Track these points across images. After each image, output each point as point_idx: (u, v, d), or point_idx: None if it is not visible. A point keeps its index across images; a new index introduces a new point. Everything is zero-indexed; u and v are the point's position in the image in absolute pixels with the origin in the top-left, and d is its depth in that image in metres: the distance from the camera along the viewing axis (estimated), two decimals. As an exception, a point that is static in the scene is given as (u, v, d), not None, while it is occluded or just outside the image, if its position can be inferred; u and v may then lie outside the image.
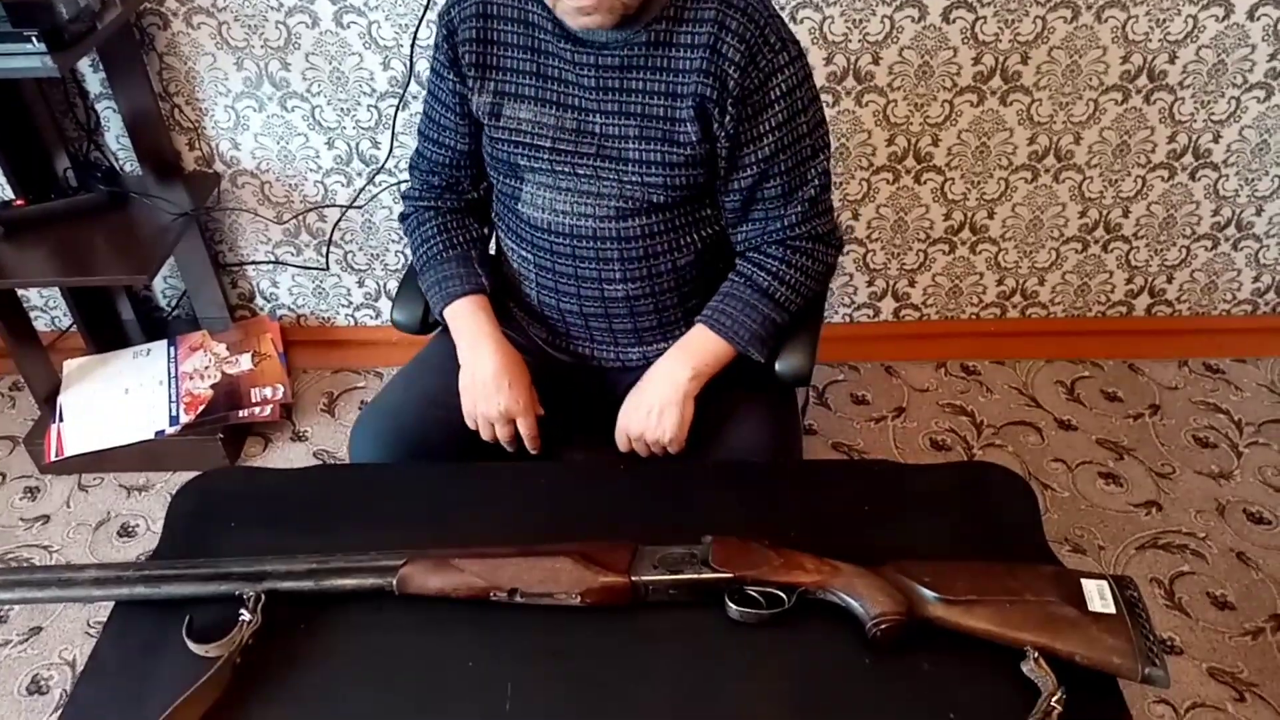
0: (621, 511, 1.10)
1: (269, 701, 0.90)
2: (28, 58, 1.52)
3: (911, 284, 2.19)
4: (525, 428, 1.25)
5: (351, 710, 0.90)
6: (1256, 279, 2.17)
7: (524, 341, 1.34)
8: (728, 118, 1.14)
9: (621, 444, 1.26)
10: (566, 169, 1.20)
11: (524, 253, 1.29)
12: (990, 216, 2.08)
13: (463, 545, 1.00)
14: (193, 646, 0.92)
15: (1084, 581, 0.96)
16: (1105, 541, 1.80)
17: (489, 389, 1.23)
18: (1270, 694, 1.54)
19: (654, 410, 1.21)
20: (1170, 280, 2.18)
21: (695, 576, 0.96)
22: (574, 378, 1.37)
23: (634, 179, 1.19)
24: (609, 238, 1.22)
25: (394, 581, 0.97)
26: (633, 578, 0.95)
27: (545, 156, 1.20)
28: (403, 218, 1.38)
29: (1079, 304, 2.22)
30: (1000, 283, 2.19)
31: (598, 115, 1.17)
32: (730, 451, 1.24)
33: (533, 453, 1.28)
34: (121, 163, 2.04)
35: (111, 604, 0.99)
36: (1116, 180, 2.02)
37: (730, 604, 0.95)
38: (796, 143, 1.18)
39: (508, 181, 1.26)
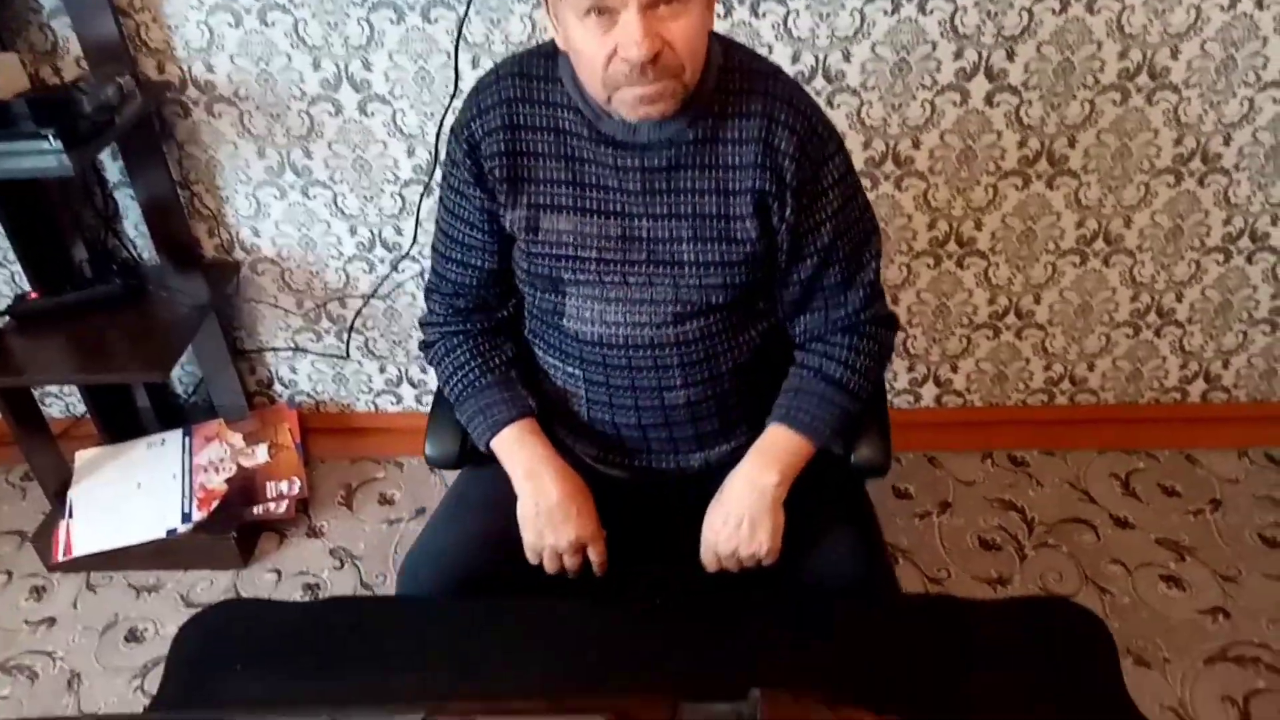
0: (664, 654, 1.01)
1: None
2: (43, 156, 1.47)
3: (954, 370, 2.10)
4: (596, 554, 1.18)
5: None
6: (1319, 364, 2.07)
7: (571, 462, 1.24)
8: (788, 210, 1.10)
9: (709, 563, 1.18)
10: (616, 278, 1.13)
11: (571, 369, 1.21)
12: (1037, 301, 2.00)
13: (487, 695, 0.91)
14: (190, 819, 0.84)
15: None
16: (1171, 654, 1.68)
17: (556, 518, 1.15)
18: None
19: (744, 523, 1.13)
20: (1226, 366, 2.08)
21: (743, 742, 0.86)
22: (628, 493, 1.29)
23: (691, 282, 1.12)
24: (667, 344, 1.15)
25: (411, 742, 0.88)
26: (674, 742, 0.86)
27: (592, 268, 1.13)
28: (425, 346, 1.29)
29: (1130, 390, 2.12)
30: (1048, 368, 2.09)
31: (645, 220, 1.11)
32: (819, 565, 1.16)
33: (599, 575, 1.20)
34: (139, 250, 2.00)
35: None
36: (1169, 264, 1.94)
37: (783, 774, 0.85)
38: (852, 227, 1.15)
39: (548, 297, 1.18)
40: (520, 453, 1.18)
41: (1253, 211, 1.86)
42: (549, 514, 1.15)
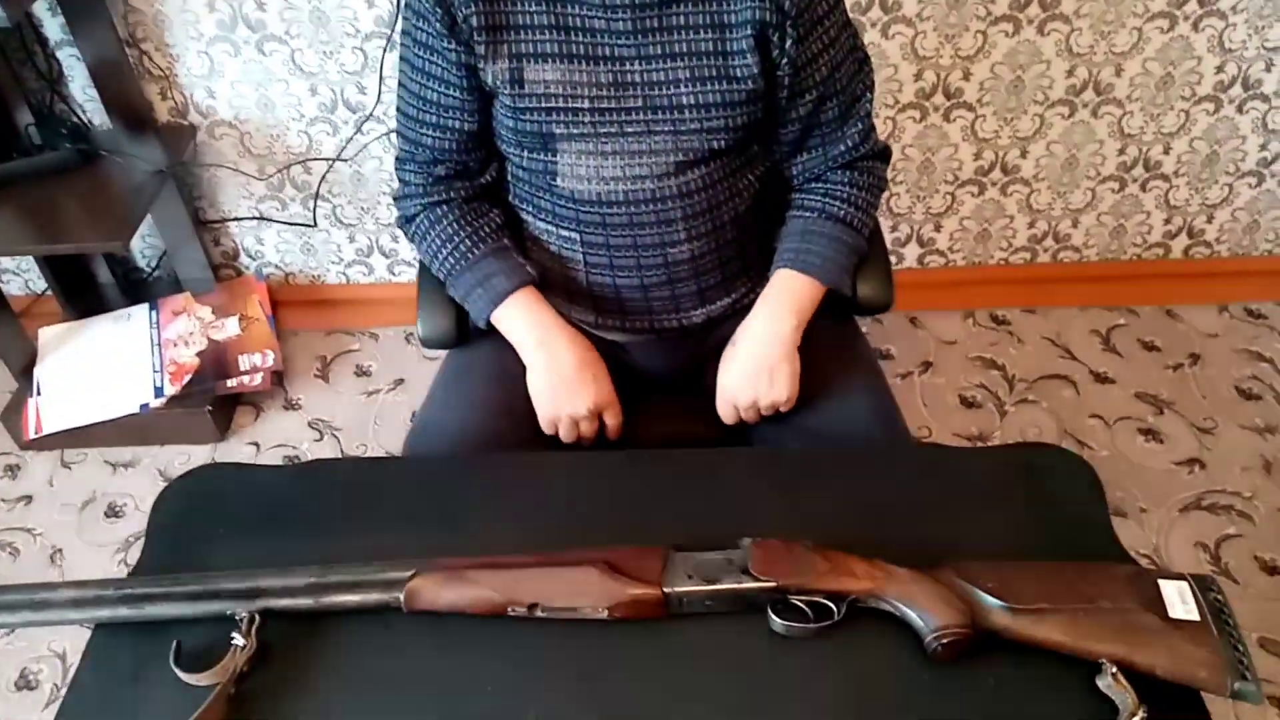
0: (651, 507, 1.00)
1: (268, 734, 0.81)
2: (-28, 5, 1.37)
3: (937, 229, 2.07)
4: (613, 417, 1.16)
5: (359, 742, 0.81)
6: (1302, 217, 2.05)
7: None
8: (789, 41, 1.04)
9: (728, 416, 1.16)
10: (612, 129, 1.07)
11: (566, 232, 1.16)
12: (1023, 155, 1.95)
13: (477, 552, 0.90)
14: (182, 675, 0.83)
15: (1163, 583, 0.86)
16: (1147, 503, 1.72)
17: (573, 385, 1.13)
18: (1325, 666, 1.47)
19: (763, 372, 1.12)
20: (1210, 220, 2.06)
21: (734, 587, 0.86)
22: (628, 352, 1.26)
23: (692, 127, 1.07)
24: (670, 196, 1.11)
25: (401, 597, 0.87)
26: (665, 589, 0.86)
27: (585, 120, 1.07)
28: (406, 220, 1.21)
29: (1114, 247, 2.10)
30: (1032, 225, 2.07)
31: (638, 62, 1.04)
32: (836, 412, 1.16)
33: (613, 439, 1.19)
34: (89, 115, 1.90)
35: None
36: (1158, 115, 1.89)
37: (774, 616, 0.85)
38: (847, 57, 1.11)
39: (538, 157, 1.11)
40: (527, 323, 1.14)
41: (1247, 56, 1.81)
42: (566, 382, 1.13)
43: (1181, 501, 1.72)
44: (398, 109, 1.15)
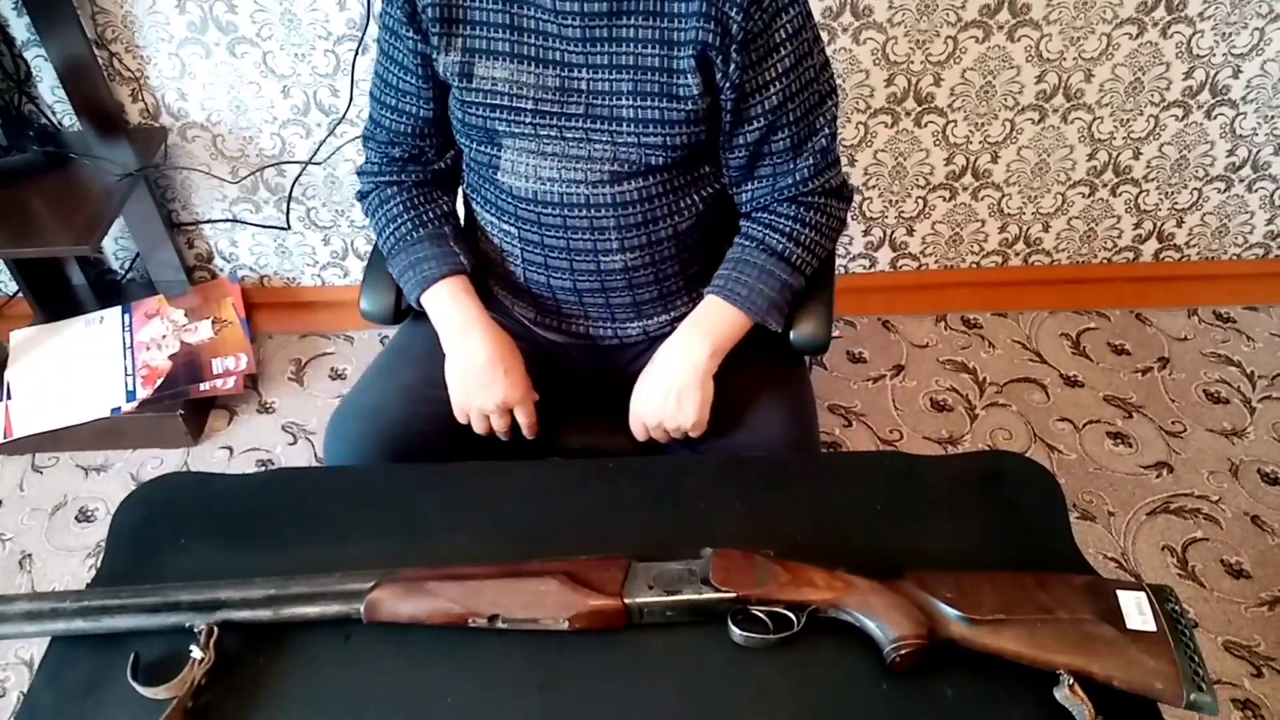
0: (614, 516, 1.00)
1: (226, 748, 0.81)
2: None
3: (910, 232, 2.08)
4: (524, 416, 1.16)
5: (318, 755, 0.81)
6: (1270, 221, 2.07)
7: (508, 323, 1.22)
8: (732, 66, 1.02)
9: (638, 433, 1.16)
10: (552, 132, 1.08)
11: (506, 226, 1.17)
12: (994, 160, 1.96)
13: (438, 563, 0.90)
14: (139, 689, 0.83)
15: (1120, 594, 0.87)
16: (1115, 507, 1.73)
17: (483, 379, 1.13)
18: (1288, 667, 1.48)
19: (671, 394, 1.11)
20: (1180, 224, 2.08)
21: (694, 597, 0.87)
22: (566, 357, 1.27)
23: (629, 140, 1.07)
24: (603, 204, 1.11)
25: (361, 608, 0.87)
26: (625, 600, 0.86)
27: (527, 120, 1.08)
28: (361, 196, 1.24)
29: (1084, 250, 2.12)
30: (1003, 230, 2.08)
31: (584, 70, 1.05)
32: (746, 440, 1.15)
33: (530, 438, 1.18)
34: (59, 117, 1.88)
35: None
36: (1128, 120, 1.90)
37: (733, 627, 0.86)
38: (805, 89, 1.08)
39: (483, 149, 1.13)
40: (449, 311, 1.15)
41: (1214, 63, 1.82)
42: (476, 374, 1.13)
43: (1150, 505, 1.74)
44: (370, 89, 1.18)
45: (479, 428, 1.16)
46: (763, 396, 1.18)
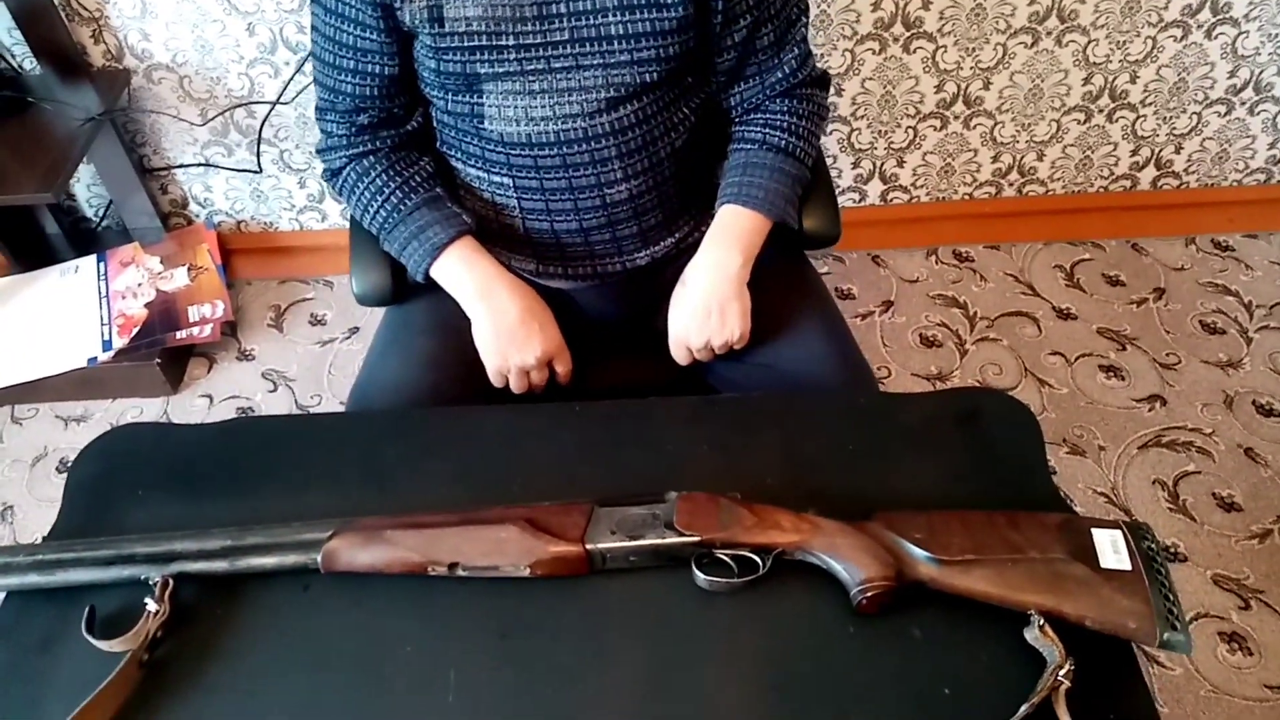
0: (581, 461, 0.98)
1: (184, 700, 0.80)
2: None
3: (900, 164, 2.03)
4: (563, 365, 1.13)
5: (276, 705, 0.79)
6: (1273, 145, 2.01)
7: None
8: None
9: (681, 357, 1.14)
10: (539, 65, 1.02)
11: (498, 178, 1.12)
12: (986, 87, 1.90)
13: (401, 511, 0.88)
14: (94, 642, 0.81)
15: (1095, 532, 0.85)
16: (1106, 441, 1.70)
17: (519, 335, 1.09)
18: (1277, 600, 1.47)
19: (713, 310, 1.09)
20: (1179, 150, 2.02)
21: (658, 542, 0.85)
22: (573, 301, 1.23)
23: (622, 59, 1.02)
24: (602, 134, 1.06)
25: (318, 558, 0.85)
26: (588, 546, 0.84)
27: (511, 57, 1.02)
28: (332, 174, 1.16)
29: (1080, 180, 2.06)
30: (996, 159, 2.02)
31: None
32: (791, 367, 1.14)
33: (565, 385, 1.16)
34: (18, 60, 1.82)
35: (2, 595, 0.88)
36: (1125, 42, 1.84)
37: (697, 571, 0.84)
38: None
39: (463, 99, 1.06)
40: (467, 274, 1.10)
41: (1216, -20, 1.76)
42: (511, 333, 1.09)
43: (1141, 439, 1.71)
44: (313, 55, 1.10)
45: (518, 387, 1.12)
46: (792, 305, 1.17)
